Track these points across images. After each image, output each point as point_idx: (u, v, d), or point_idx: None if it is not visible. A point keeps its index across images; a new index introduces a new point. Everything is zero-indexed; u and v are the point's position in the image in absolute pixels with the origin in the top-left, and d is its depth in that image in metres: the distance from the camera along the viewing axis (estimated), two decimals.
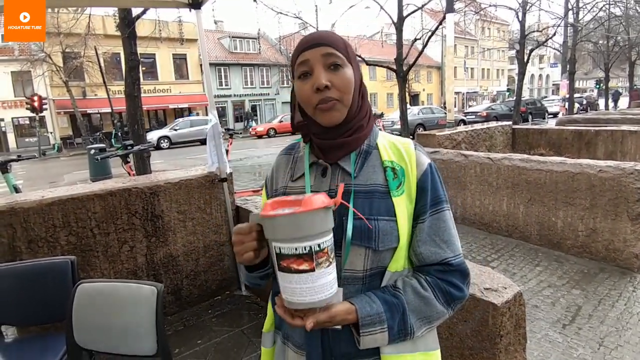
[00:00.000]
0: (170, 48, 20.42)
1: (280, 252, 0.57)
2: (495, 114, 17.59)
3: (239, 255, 0.64)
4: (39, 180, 9.80)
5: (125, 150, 3.86)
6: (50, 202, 2.01)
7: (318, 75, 0.66)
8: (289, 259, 0.56)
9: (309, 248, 0.55)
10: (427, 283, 0.67)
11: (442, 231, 0.69)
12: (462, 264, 0.70)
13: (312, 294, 0.56)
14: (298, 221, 0.55)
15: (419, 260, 0.70)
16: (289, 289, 0.58)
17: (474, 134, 5.78)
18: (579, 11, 13.23)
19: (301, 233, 0.55)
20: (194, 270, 2.53)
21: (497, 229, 3.79)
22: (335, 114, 0.67)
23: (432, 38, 7.80)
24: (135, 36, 4.36)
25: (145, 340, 1.25)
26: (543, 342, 2.07)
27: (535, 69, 44.37)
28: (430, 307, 0.66)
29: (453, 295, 0.68)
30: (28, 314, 1.56)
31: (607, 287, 2.65)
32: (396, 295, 0.66)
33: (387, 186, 0.68)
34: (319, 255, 0.56)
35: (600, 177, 2.99)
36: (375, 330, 0.63)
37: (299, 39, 0.72)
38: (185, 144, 17.33)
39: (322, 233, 0.56)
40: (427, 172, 0.70)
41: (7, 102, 19.06)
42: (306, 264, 0.55)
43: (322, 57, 0.66)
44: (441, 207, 0.70)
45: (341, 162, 0.70)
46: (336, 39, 0.69)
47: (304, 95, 0.67)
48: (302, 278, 0.56)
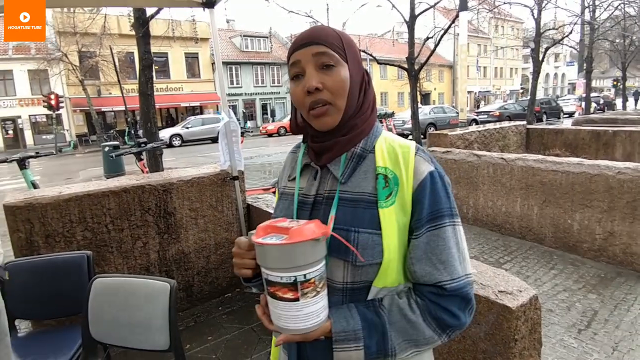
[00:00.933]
0: (183, 47, 20.65)
1: (267, 278, 0.57)
2: (508, 114, 17.28)
3: (236, 267, 0.64)
4: (55, 176, 10.06)
5: (139, 148, 3.92)
6: (67, 198, 2.06)
7: (309, 77, 0.62)
8: (274, 286, 0.57)
9: (293, 279, 0.55)
10: (417, 305, 0.61)
11: (440, 250, 0.61)
12: (460, 288, 0.61)
13: (296, 321, 0.57)
14: (285, 252, 0.55)
15: (413, 278, 0.64)
16: (275, 313, 0.59)
17: (487, 133, 5.68)
18: (596, 9, 12.87)
19: (288, 264, 0.55)
20: (205, 267, 2.56)
21: (510, 230, 3.72)
22: (327, 120, 0.64)
23: (444, 36, 7.69)
24: (149, 35, 4.43)
25: (159, 335, 1.27)
26: (558, 347, 2.03)
27: (551, 67, 43.38)
28: (417, 331, 0.61)
29: (446, 322, 0.61)
30: (44, 307, 1.60)
31: (624, 291, 2.58)
32: (378, 313, 0.61)
33: (375, 195, 0.62)
34: (305, 286, 0.55)
35: (619, 179, 2.90)
36: (350, 347, 0.59)
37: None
38: (197, 142, 17.53)
39: (310, 264, 0.55)
40: (425, 182, 0.62)
41: (24, 100, 19.60)
42: (291, 293, 0.55)
43: (313, 57, 0.62)
44: (441, 222, 0.62)
45: (331, 165, 0.66)
46: (330, 36, 0.64)
47: (297, 98, 0.65)
48: (287, 306, 0.56)
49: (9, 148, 19.07)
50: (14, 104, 19.60)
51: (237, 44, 26.07)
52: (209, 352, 2.05)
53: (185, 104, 23.21)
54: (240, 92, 25.41)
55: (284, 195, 0.75)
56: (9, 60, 18.81)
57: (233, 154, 2.52)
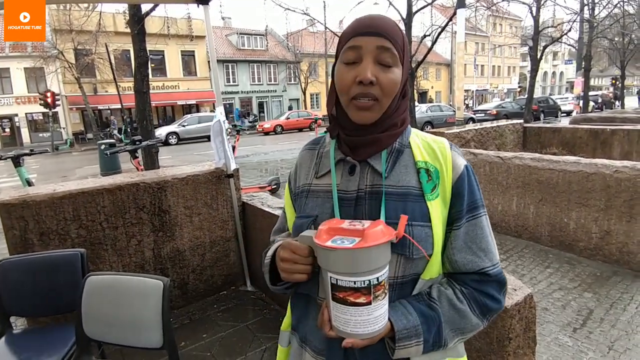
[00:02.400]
0: (179, 45, 20.56)
1: (336, 283, 0.55)
2: (505, 112, 17.31)
3: (288, 275, 0.61)
4: (52, 174, 10.01)
5: (134, 146, 3.90)
6: (61, 196, 2.04)
7: (365, 67, 0.60)
8: (345, 292, 0.54)
9: (367, 282, 0.53)
10: (462, 295, 0.64)
11: (480, 238, 0.65)
12: (500, 273, 0.66)
13: (366, 325, 0.55)
14: (358, 257, 0.53)
15: (454, 268, 0.66)
16: (342, 319, 0.56)
17: (484, 132, 5.68)
18: (595, 6, 12.89)
19: (361, 269, 0.53)
20: (200, 265, 2.55)
21: (506, 229, 3.73)
22: (368, 115, 0.63)
23: (441, 34, 7.69)
24: (145, 33, 4.40)
25: (152, 332, 1.26)
26: (552, 346, 2.03)
27: (549, 66, 43.46)
28: (465, 320, 0.64)
29: (489, 307, 0.65)
30: (39, 305, 1.59)
31: (620, 290, 2.59)
32: (432, 307, 0.63)
33: (421, 189, 0.64)
34: (377, 289, 0.54)
35: (616, 178, 2.91)
36: (411, 343, 0.61)
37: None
38: (193, 140, 17.48)
39: (382, 266, 0.55)
40: (463, 174, 0.65)
41: (21, 98, 19.48)
42: (363, 297, 0.54)
43: (377, 50, 0.61)
44: (478, 212, 0.66)
45: (371, 160, 0.66)
46: (397, 33, 0.63)
47: (344, 83, 0.62)
48: (359, 311, 0.54)
49: (5, 146, 18.95)
50: (10, 102, 19.48)
51: (233, 41, 25.96)
52: (203, 350, 2.04)
53: (181, 102, 23.10)
54: (236, 90, 25.32)
55: (312, 192, 0.71)
56: (6, 58, 18.68)
57: (227, 152, 2.50)
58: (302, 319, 0.72)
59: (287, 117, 21.25)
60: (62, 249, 2.00)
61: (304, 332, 0.71)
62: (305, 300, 0.71)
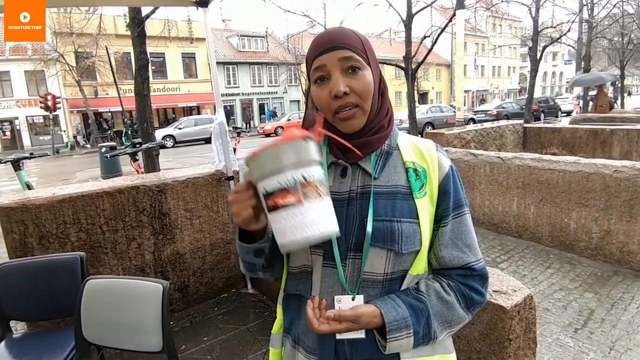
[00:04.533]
0: (179, 47, 20.58)
1: (266, 191, 0.55)
2: (506, 113, 17.31)
3: (237, 216, 0.61)
4: (52, 177, 10.01)
5: (134, 149, 3.90)
6: (61, 199, 2.04)
7: (336, 82, 0.63)
8: (274, 196, 0.54)
9: (291, 179, 0.53)
10: (449, 287, 0.67)
11: (465, 235, 0.69)
12: (483, 268, 0.69)
13: (303, 229, 0.52)
14: (278, 153, 0.54)
15: (440, 264, 0.69)
16: (280, 230, 0.54)
17: (484, 132, 5.68)
18: (594, 7, 12.89)
19: (282, 163, 0.53)
20: (201, 267, 2.55)
21: (506, 229, 3.72)
22: (354, 122, 0.65)
23: (441, 35, 7.69)
24: (145, 35, 4.40)
25: (152, 336, 1.26)
26: (554, 347, 2.03)
27: (549, 66, 43.44)
28: (452, 312, 0.66)
29: (474, 300, 0.68)
30: (38, 309, 1.59)
31: (621, 290, 2.58)
32: (420, 299, 0.65)
33: (409, 187, 0.67)
34: (305, 186, 0.53)
35: (616, 178, 2.90)
36: (402, 335, 0.62)
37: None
38: (190, 143, 17.47)
39: (305, 162, 0.54)
40: (449, 174, 0.69)
41: (21, 101, 19.52)
42: (291, 197, 0.53)
43: (340, 62, 0.63)
44: (462, 210, 0.69)
45: (361, 162, 0.68)
46: (353, 40, 0.65)
47: (322, 102, 0.65)
48: (290, 213, 0.53)
49: (6, 149, 18.99)
50: (11, 105, 19.51)
51: (234, 43, 26.00)
52: (204, 353, 2.04)
53: (182, 105, 23.12)
54: (237, 92, 25.34)
55: None
56: (6, 61, 18.72)
57: (228, 154, 2.51)
58: (294, 320, 0.73)
59: (288, 119, 21.27)
60: (61, 252, 1.99)
61: (297, 333, 0.73)
62: (297, 301, 0.73)
